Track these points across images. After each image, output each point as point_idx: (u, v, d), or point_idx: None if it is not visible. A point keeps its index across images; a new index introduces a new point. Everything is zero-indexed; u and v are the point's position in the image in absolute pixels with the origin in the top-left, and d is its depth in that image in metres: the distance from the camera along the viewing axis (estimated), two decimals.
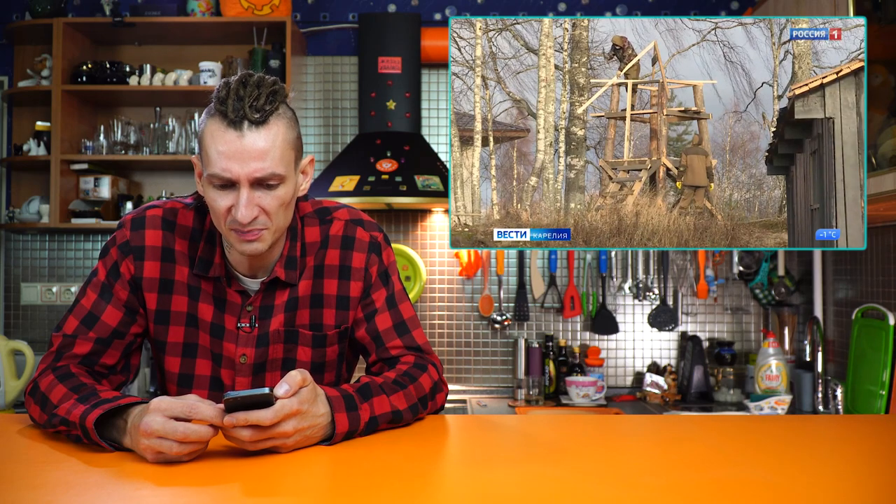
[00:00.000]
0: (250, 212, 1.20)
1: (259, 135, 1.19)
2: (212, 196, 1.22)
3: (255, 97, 1.18)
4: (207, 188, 1.23)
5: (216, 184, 1.20)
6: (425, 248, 3.41)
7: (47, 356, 1.30)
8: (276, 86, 1.22)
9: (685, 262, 3.39)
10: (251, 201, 1.20)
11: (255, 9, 3.15)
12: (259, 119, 1.18)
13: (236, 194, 1.20)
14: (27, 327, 3.41)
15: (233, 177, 1.19)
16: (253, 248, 1.25)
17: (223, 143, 1.18)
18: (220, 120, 1.19)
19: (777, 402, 2.75)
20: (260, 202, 1.21)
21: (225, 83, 1.20)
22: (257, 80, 1.20)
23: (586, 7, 3.44)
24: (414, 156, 3.07)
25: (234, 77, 1.21)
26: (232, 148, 1.18)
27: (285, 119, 1.23)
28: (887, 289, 2.68)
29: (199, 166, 1.27)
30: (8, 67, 3.43)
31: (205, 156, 1.21)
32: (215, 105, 1.20)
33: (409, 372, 1.32)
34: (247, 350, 1.35)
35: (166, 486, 0.95)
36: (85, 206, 3.20)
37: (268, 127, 1.20)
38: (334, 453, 1.10)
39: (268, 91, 1.20)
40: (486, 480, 0.98)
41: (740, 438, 1.25)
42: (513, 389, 3.28)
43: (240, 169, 1.18)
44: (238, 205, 1.20)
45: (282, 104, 1.23)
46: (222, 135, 1.18)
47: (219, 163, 1.18)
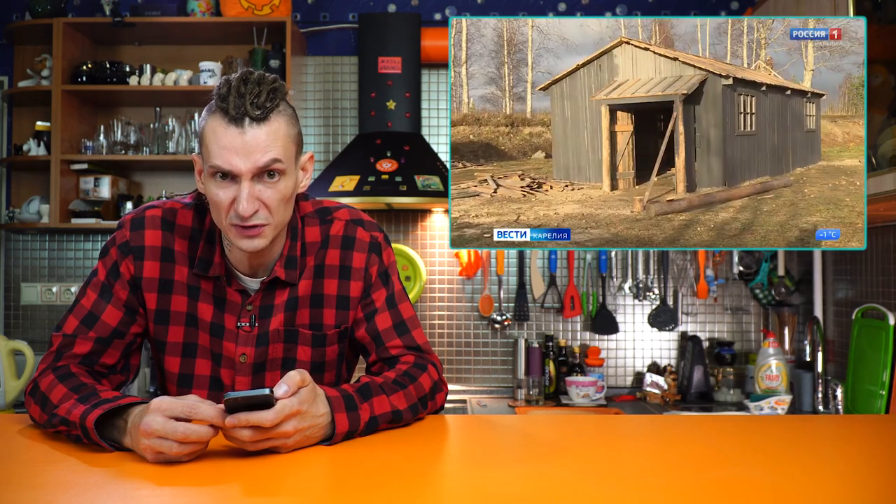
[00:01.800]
0: (251, 205, 1.20)
1: (260, 130, 1.19)
2: (213, 190, 1.23)
3: (256, 94, 1.19)
4: (208, 182, 1.23)
5: (217, 176, 1.21)
6: (425, 248, 3.41)
7: (47, 356, 1.30)
8: (276, 83, 1.22)
9: (685, 262, 3.39)
10: (252, 194, 1.21)
11: (255, 9, 3.14)
12: (260, 116, 1.19)
13: (237, 188, 1.21)
14: (27, 327, 3.41)
15: (234, 170, 1.19)
16: (253, 245, 1.25)
17: (225, 139, 1.19)
18: (222, 116, 1.19)
19: (777, 402, 2.75)
20: (261, 196, 1.22)
21: (226, 80, 1.21)
22: (258, 77, 1.21)
23: (586, 7, 3.44)
24: (414, 156, 3.07)
25: (234, 74, 1.22)
26: (234, 143, 1.18)
27: (286, 115, 1.24)
28: (887, 289, 2.68)
29: (200, 163, 1.28)
30: (8, 67, 3.43)
31: (205, 151, 1.22)
32: (216, 102, 1.20)
33: (409, 372, 1.32)
34: (246, 349, 1.35)
35: (166, 486, 0.95)
36: (85, 206, 3.20)
37: (269, 123, 1.20)
38: (334, 453, 1.10)
39: (269, 88, 1.20)
40: (486, 480, 0.98)
41: (740, 438, 1.25)
42: (513, 389, 3.28)
43: (241, 162, 1.19)
44: (239, 198, 1.20)
45: (282, 101, 1.23)
46: (224, 131, 1.19)
47: (220, 156, 1.19)
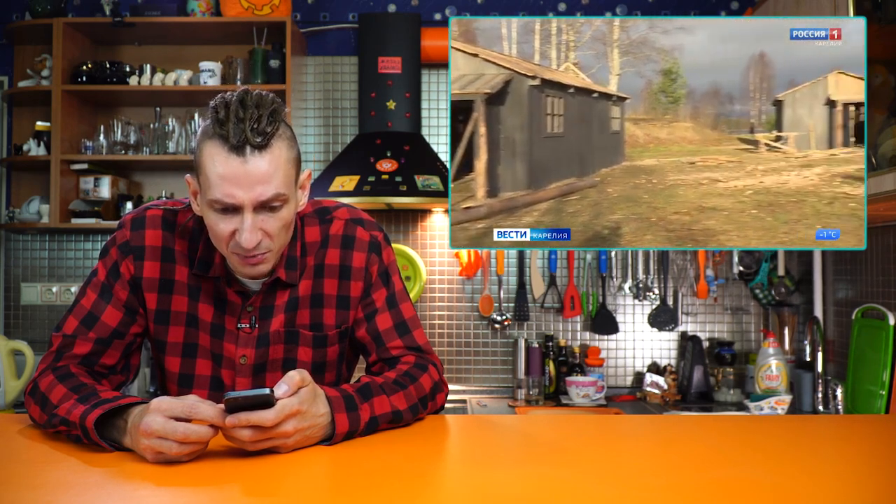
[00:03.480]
0: (254, 237, 1.19)
1: (263, 159, 1.16)
2: (213, 220, 1.21)
3: (255, 119, 1.15)
4: (207, 212, 1.21)
5: (217, 208, 1.19)
6: (425, 248, 3.41)
7: (47, 356, 1.30)
8: (275, 104, 1.19)
9: (685, 262, 3.39)
10: (255, 226, 1.19)
11: (255, 9, 3.14)
12: (261, 143, 1.16)
13: (239, 219, 1.19)
14: (27, 327, 3.41)
15: (236, 202, 1.17)
16: (256, 272, 1.25)
17: (225, 168, 1.16)
18: (221, 144, 1.16)
19: (777, 402, 2.75)
20: (263, 225, 1.20)
21: (223, 103, 1.17)
22: (256, 99, 1.17)
23: (586, 7, 3.44)
24: (414, 156, 3.07)
25: (230, 95, 1.18)
26: (235, 173, 1.16)
27: (285, 139, 1.21)
28: (887, 289, 2.68)
29: (195, 185, 1.25)
30: (8, 67, 3.43)
31: (204, 179, 1.19)
32: (214, 128, 1.17)
33: (410, 372, 1.32)
34: (247, 350, 1.35)
35: (166, 486, 0.95)
36: (85, 206, 3.20)
37: (270, 150, 1.17)
38: (334, 453, 1.10)
39: (268, 111, 1.17)
40: (486, 480, 0.98)
41: (740, 438, 1.25)
42: (513, 389, 3.28)
43: (244, 195, 1.17)
44: (242, 230, 1.18)
45: (282, 123, 1.21)
46: (224, 160, 1.16)
47: (221, 188, 1.16)
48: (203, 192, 1.21)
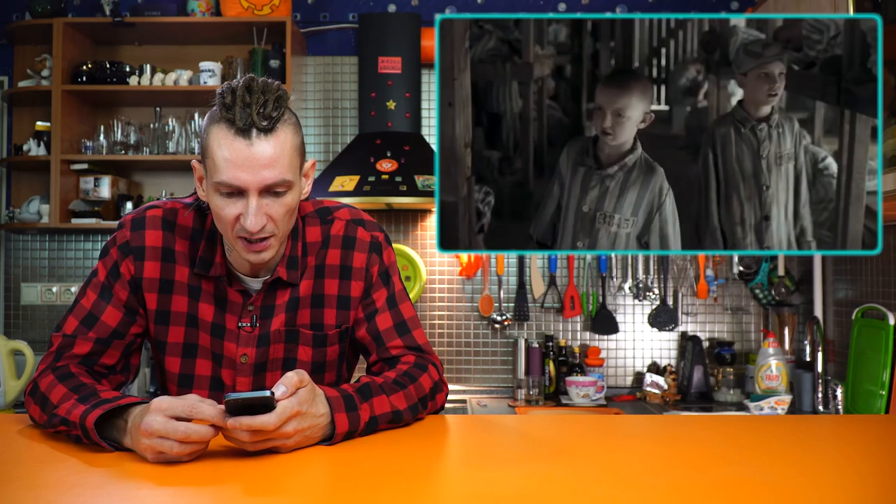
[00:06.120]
0: (259, 220, 1.20)
1: (268, 143, 1.18)
2: (218, 204, 1.21)
3: (262, 104, 1.17)
4: (213, 195, 1.22)
5: (223, 191, 1.20)
6: (425, 248, 3.41)
7: (47, 356, 1.30)
8: (280, 90, 1.21)
9: (685, 262, 3.39)
10: (260, 210, 1.20)
11: (255, 9, 3.15)
12: (267, 127, 1.17)
13: (244, 202, 1.20)
14: (27, 327, 3.41)
15: (242, 185, 1.18)
16: (261, 258, 1.25)
17: (231, 152, 1.17)
18: (228, 127, 1.17)
19: (777, 402, 2.75)
20: (268, 210, 1.21)
21: (229, 89, 1.19)
22: (262, 85, 1.19)
23: (586, 7, 3.44)
24: (414, 156, 3.07)
25: (237, 81, 1.20)
26: (241, 156, 1.17)
27: (291, 125, 1.23)
28: (887, 289, 2.68)
29: (200, 171, 1.26)
30: (8, 67, 3.43)
31: (210, 163, 1.20)
32: (220, 112, 1.18)
33: (410, 372, 1.32)
34: (247, 350, 1.35)
35: (166, 486, 0.95)
36: (85, 206, 3.20)
37: (276, 134, 1.19)
38: (334, 453, 1.10)
39: (274, 96, 1.18)
40: (486, 480, 0.98)
41: (740, 438, 1.25)
42: (513, 389, 3.28)
43: (250, 178, 1.17)
44: (247, 213, 1.19)
45: (286, 109, 1.22)
46: (230, 143, 1.17)
47: (227, 171, 1.17)
48: (209, 176, 1.22)
